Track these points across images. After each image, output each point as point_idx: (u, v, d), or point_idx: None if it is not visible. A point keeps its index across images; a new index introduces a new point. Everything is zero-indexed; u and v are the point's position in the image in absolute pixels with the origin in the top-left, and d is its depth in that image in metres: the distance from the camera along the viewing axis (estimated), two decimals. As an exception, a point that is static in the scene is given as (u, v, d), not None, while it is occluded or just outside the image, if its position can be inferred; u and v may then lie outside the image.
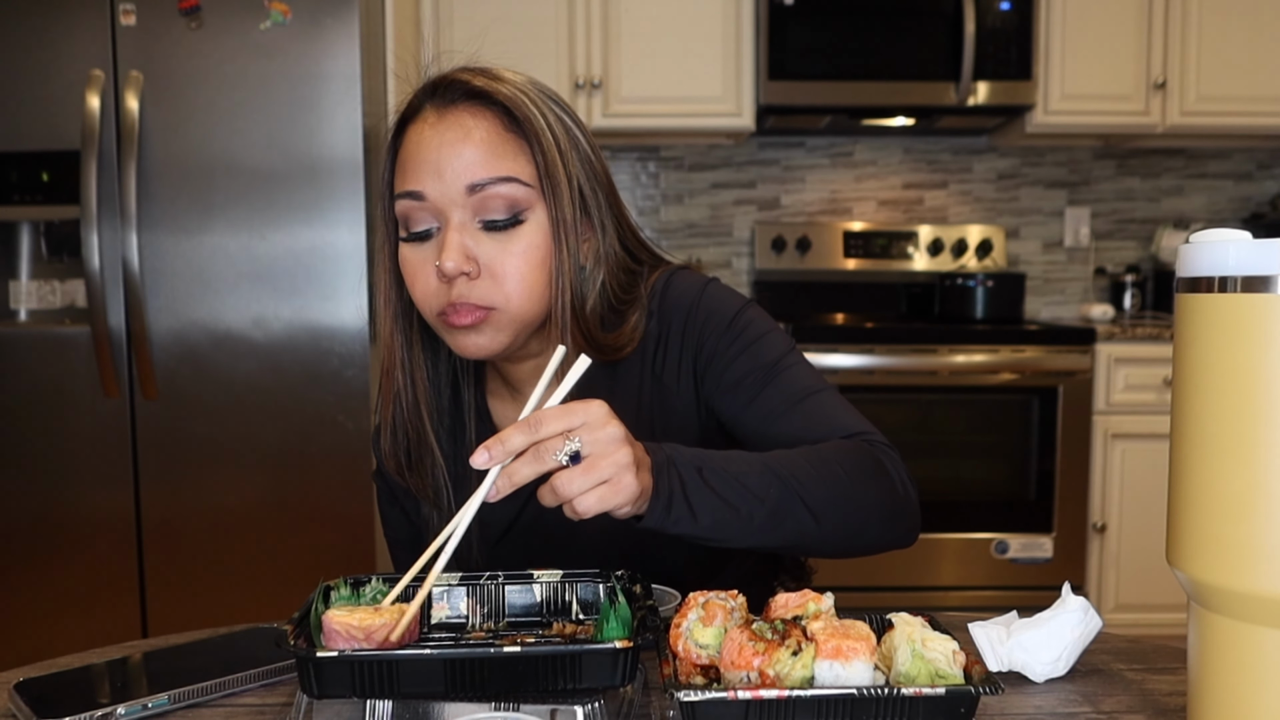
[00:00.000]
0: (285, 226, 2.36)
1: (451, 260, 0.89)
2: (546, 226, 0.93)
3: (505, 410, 1.07)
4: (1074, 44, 2.98)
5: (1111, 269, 3.43)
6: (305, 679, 0.66)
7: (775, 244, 3.30)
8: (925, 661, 0.65)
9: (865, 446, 0.91)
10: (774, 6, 2.91)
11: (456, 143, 0.91)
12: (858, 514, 0.88)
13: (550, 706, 0.66)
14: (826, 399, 0.96)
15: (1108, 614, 2.78)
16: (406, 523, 1.11)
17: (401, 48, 2.68)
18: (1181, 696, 0.75)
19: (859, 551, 0.92)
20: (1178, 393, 0.62)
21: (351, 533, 2.42)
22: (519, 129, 0.93)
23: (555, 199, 0.92)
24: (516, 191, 0.91)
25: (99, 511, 2.40)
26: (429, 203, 0.91)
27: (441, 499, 1.03)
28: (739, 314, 1.00)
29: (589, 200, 0.96)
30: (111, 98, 2.32)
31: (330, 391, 2.39)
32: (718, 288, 1.03)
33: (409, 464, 1.01)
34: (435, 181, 0.91)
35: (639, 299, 1.01)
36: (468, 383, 1.05)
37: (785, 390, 0.96)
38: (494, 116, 0.92)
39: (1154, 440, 2.79)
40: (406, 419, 1.00)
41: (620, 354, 0.99)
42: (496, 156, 0.91)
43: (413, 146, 0.93)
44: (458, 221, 0.91)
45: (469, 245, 0.91)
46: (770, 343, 0.99)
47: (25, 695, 0.74)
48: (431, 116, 0.93)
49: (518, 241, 0.92)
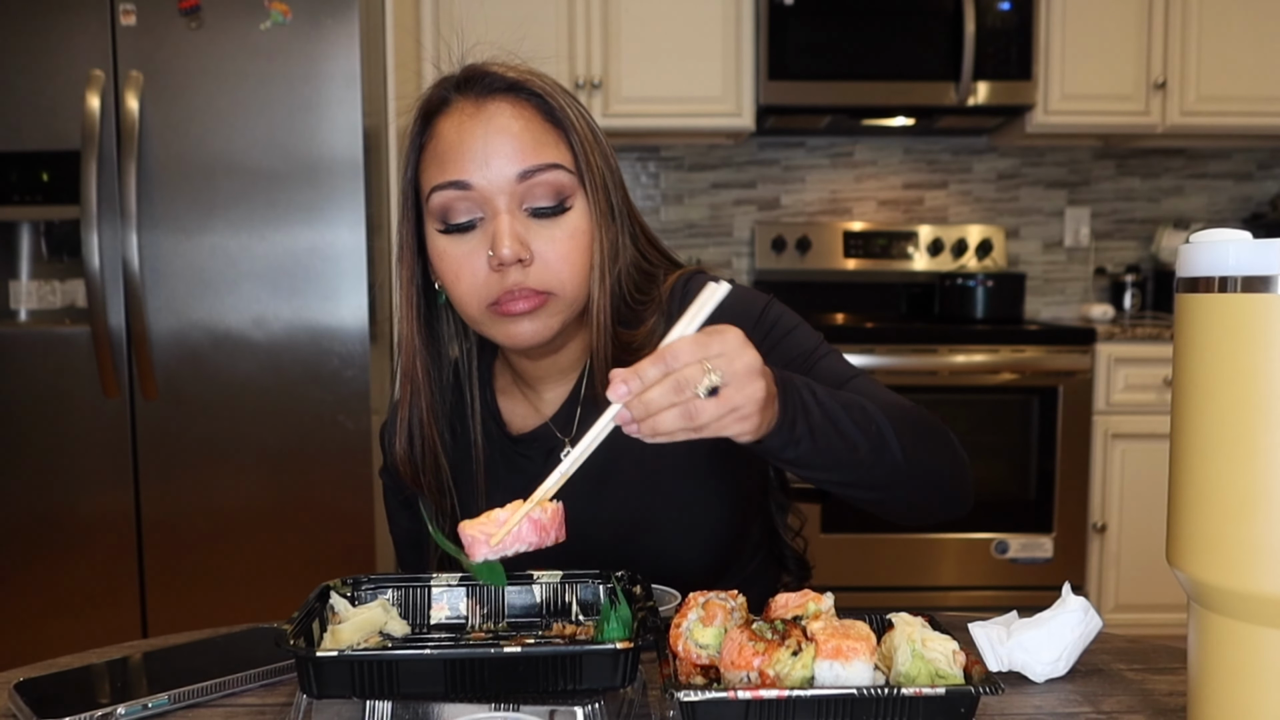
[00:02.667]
0: (285, 226, 2.36)
1: (508, 247, 0.90)
2: (588, 213, 0.95)
3: (515, 409, 1.07)
4: (1074, 44, 2.98)
5: (1111, 269, 3.43)
6: (305, 679, 0.66)
7: (775, 244, 3.30)
8: (925, 661, 0.65)
9: (929, 413, 0.93)
10: (774, 6, 2.91)
11: (502, 131, 0.92)
12: (935, 467, 0.89)
13: (550, 707, 0.66)
14: (865, 383, 0.97)
15: (1108, 614, 2.78)
16: (412, 520, 1.11)
17: (401, 48, 2.68)
18: (1181, 696, 0.75)
19: (926, 508, 0.93)
20: (1178, 393, 0.62)
21: (351, 533, 2.42)
22: (555, 119, 0.94)
23: (592, 187, 0.95)
24: (562, 178, 0.93)
25: (99, 511, 2.40)
26: (475, 192, 0.91)
27: (445, 502, 1.03)
28: (765, 311, 1.01)
29: (611, 192, 0.98)
30: (111, 98, 2.32)
31: (330, 391, 2.39)
32: (740, 289, 1.04)
33: (421, 467, 1.01)
34: (482, 170, 0.91)
35: (656, 300, 1.01)
36: (471, 384, 1.05)
37: (825, 379, 0.96)
38: (533, 107, 0.94)
39: (1154, 440, 2.79)
40: (423, 420, 1.00)
41: (636, 354, 0.98)
42: (541, 145, 0.93)
43: (452, 137, 0.93)
44: (507, 209, 0.91)
45: (520, 232, 0.91)
46: (801, 336, 1.00)
47: (25, 695, 0.74)
48: (469, 107, 0.94)
49: (564, 227, 0.93)
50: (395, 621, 0.80)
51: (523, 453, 1.05)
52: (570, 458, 0.72)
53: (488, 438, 1.05)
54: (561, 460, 0.73)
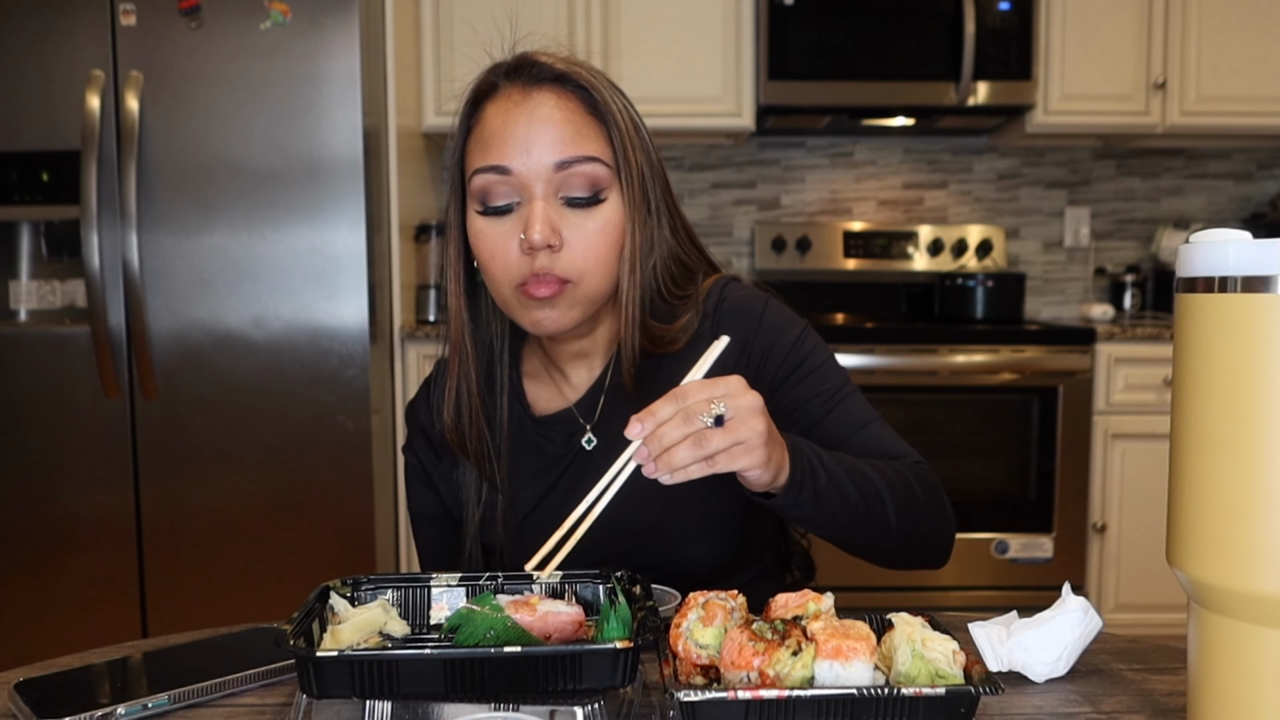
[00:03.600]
0: (285, 226, 2.36)
1: (539, 232, 0.92)
2: (622, 207, 0.97)
3: (540, 391, 1.09)
4: (1074, 44, 2.98)
5: (1111, 269, 3.43)
6: (305, 679, 0.66)
7: (775, 244, 3.30)
8: (925, 661, 0.65)
9: (931, 475, 0.99)
10: (774, 6, 2.91)
11: (545, 120, 0.94)
12: (923, 534, 0.97)
13: (550, 707, 0.66)
14: (880, 429, 1.02)
15: (1108, 614, 2.78)
16: (434, 498, 1.13)
17: (401, 48, 2.68)
18: (1181, 696, 0.75)
19: (903, 563, 1.01)
20: (1178, 393, 0.62)
21: (351, 533, 2.42)
22: (598, 113, 0.97)
23: (628, 181, 0.97)
24: (598, 171, 0.95)
25: (99, 511, 2.40)
26: (514, 177, 0.94)
27: (488, 468, 1.06)
28: (800, 339, 1.04)
29: (649, 187, 1.00)
30: (111, 98, 2.32)
31: (330, 391, 2.39)
32: (777, 306, 1.06)
33: (468, 435, 1.04)
34: (523, 157, 0.94)
35: (693, 299, 1.04)
36: (502, 364, 1.08)
37: (846, 420, 1.01)
38: (577, 99, 0.96)
39: (1154, 440, 2.79)
40: (471, 390, 1.03)
41: (668, 348, 1.01)
42: (581, 137, 0.95)
43: (497, 123, 0.95)
44: (542, 195, 0.94)
45: (553, 218, 0.94)
46: (829, 371, 1.04)
47: (25, 695, 0.74)
48: (516, 95, 0.96)
49: (597, 219, 0.96)
50: (395, 622, 0.80)
51: (544, 434, 1.07)
52: (590, 499, 0.80)
53: (512, 416, 1.07)
54: (588, 500, 0.80)
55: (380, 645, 0.78)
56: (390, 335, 2.61)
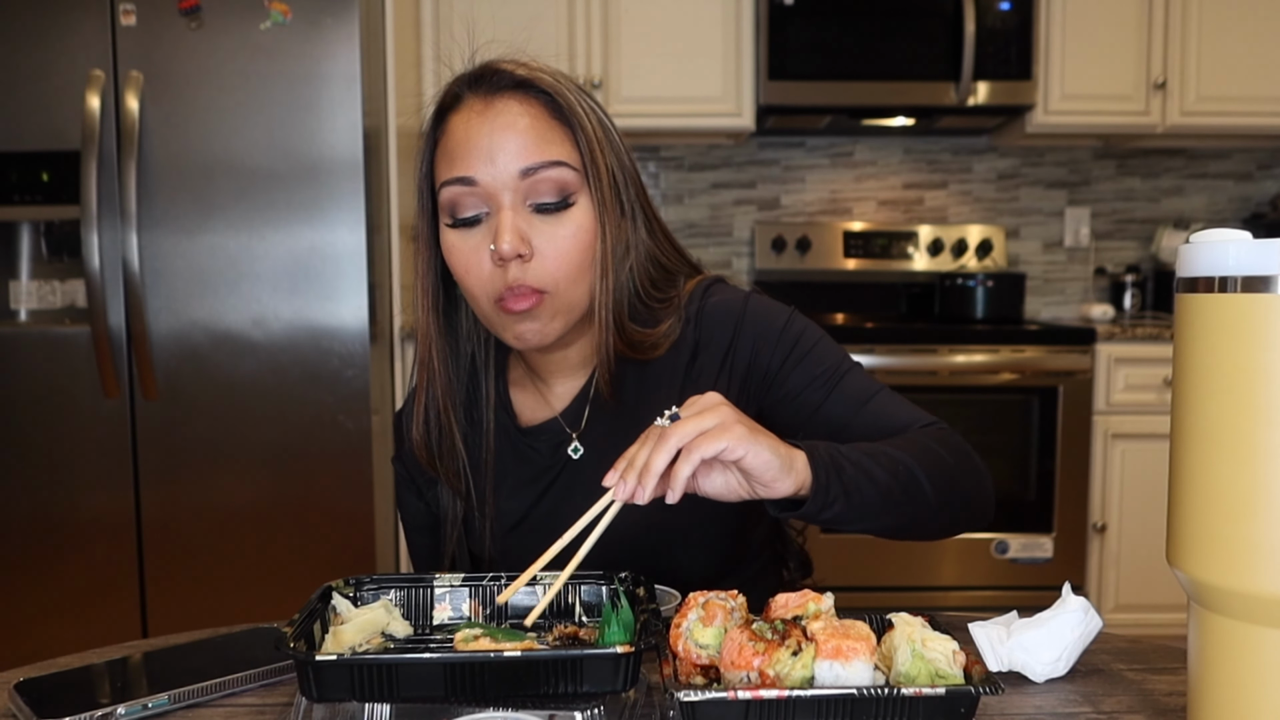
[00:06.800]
0: (285, 226, 2.36)
1: (508, 242, 0.91)
2: (592, 210, 0.96)
3: (526, 400, 1.08)
4: (1074, 44, 2.98)
5: (1111, 269, 3.43)
6: (305, 682, 0.66)
7: (775, 244, 3.30)
8: (925, 661, 0.65)
9: (952, 434, 0.95)
10: (774, 7, 2.91)
11: (507, 128, 0.93)
12: (961, 494, 0.92)
13: (550, 711, 0.66)
14: (888, 399, 0.99)
15: (1108, 614, 2.78)
16: (424, 508, 1.12)
17: (401, 48, 2.68)
18: (1181, 696, 0.75)
19: (952, 530, 0.95)
20: (1178, 393, 0.62)
21: (351, 533, 2.42)
22: (562, 117, 0.96)
23: (597, 184, 0.96)
24: (565, 175, 0.94)
25: (99, 511, 2.40)
26: (480, 188, 0.93)
27: (461, 486, 1.05)
28: (788, 325, 1.02)
29: (621, 189, 0.99)
30: (111, 98, 2.32)
31: (330, 391, 2.39)
32: (760, 299, 1.05)
33: (438, 453, 1.03)
34: (487, 166, 0.93)
35: (674, 302, 1.02)
36: (487, 374, 1.07)
37: (849, 397, 0.98)
38: (540, 104, 0.95)
39: (1154, 440, 2.79)
40: (439, 408, 1.02)
41: (649, 354, 1.00)
42: (546, 142, 0.94)
43: (460, 134, 0.95)
44: (510, 204, 0.93)
45: (522, 227, 0.93)
46: (823, 352, 1.01)
47: (25, 695, 0.74)
48: (478, 104, 0.95)
49: (567, 224, 0.94)
50: (398, 622, 0.80)
51: (530, 444, 1.06)
52: (564, 540, 0.76)
53: (499, 428, 1.06)
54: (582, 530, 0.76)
55: (383, 646, 0.78)
56: (390, 335, 2.61)
